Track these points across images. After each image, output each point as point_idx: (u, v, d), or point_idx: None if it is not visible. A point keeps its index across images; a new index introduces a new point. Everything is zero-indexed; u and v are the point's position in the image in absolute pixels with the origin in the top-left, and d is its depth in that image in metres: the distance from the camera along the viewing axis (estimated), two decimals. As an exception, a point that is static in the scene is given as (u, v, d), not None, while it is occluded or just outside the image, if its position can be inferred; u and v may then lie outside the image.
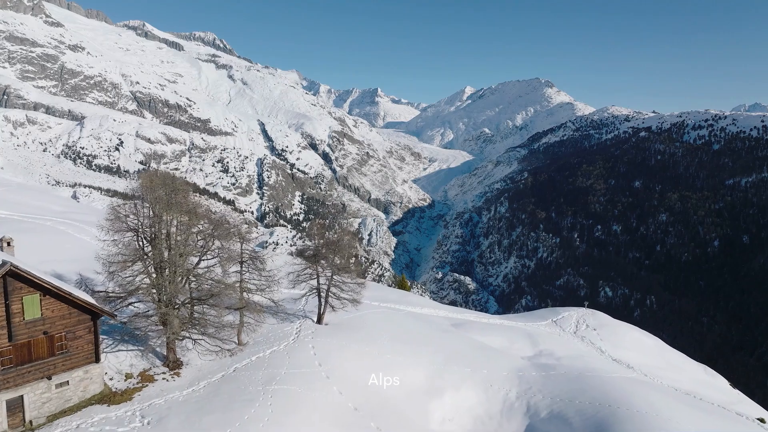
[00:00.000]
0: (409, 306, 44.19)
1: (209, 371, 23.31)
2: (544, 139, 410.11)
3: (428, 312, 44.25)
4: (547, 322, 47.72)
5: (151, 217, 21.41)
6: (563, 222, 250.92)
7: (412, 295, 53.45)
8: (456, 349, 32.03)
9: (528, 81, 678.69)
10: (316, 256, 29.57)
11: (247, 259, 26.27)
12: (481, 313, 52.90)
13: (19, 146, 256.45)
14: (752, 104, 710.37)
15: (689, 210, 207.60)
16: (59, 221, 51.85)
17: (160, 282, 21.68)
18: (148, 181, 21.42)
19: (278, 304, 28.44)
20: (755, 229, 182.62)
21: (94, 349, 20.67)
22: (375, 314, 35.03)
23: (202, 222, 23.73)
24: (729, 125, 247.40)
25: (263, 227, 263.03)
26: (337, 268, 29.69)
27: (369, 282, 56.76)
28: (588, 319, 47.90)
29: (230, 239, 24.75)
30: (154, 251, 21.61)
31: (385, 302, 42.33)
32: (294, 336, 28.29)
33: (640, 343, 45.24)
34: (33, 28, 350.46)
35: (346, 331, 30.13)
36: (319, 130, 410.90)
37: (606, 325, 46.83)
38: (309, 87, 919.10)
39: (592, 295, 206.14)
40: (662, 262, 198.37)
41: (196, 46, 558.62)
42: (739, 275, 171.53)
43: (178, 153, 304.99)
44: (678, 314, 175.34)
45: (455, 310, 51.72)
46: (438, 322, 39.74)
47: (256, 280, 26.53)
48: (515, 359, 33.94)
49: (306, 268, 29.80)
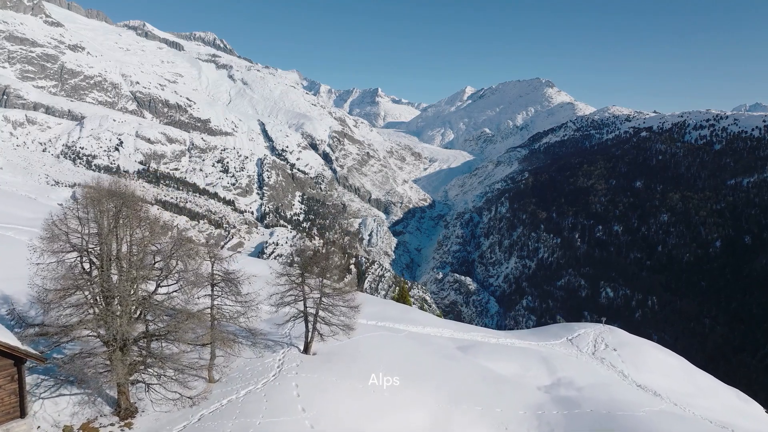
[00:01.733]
0: (410, 325, 39.66)
1: (169, 420, 19.44)
2: (544, 139, 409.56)
3: (431, 332, 40.12)
4: (561, 341, 43.85)
5: (98, 235, 17.62)
6: (564, 222, 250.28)
7: (413, 311, 48.46)
8: (464, 382, 28.52)
9: (528, 81, 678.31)
10: (302, 276, 25.25)
11: (219, 282, 21.80)
12: (488, 330, 48.21)
13: (19, 146, 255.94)
14: (753, 104, 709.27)
15: (691, 210, 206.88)
16: (25, 230, 43.32)
17: (108, 314, 17.80)
18: (93, 192, 17.88)
19: (256, 334, 24.06)
20: (757, 230, 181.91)
21: (18, 402, 16.39)
22: (371, 339, 30.74)
23: (161, 240, 19.74)
24: (730, 125, 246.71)
25: (263, 227, 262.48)
26: (326, 288, 25.54)
27: (366, 296, 52.35)
28: (606, 338, 44.06)
29: (195, 260, 20.52)
30: (101, 276, 17.73)
31: (383, 320, 38.31)
32: (275, 371, 23.97)
33: (665, 365, 41.72)
34: (33, 28, 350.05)
35: (336, 362, 25.88)
36: (319, 130, 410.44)
37: (626, 344, 43.16)
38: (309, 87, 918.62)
39: (593, 295, 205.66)
40: (663, 263, 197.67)
41: (196, 46, 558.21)
42: (740, 276, 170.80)
43: (178, 153, 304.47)
44: (679, 315, 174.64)
45: (460, 327, 46.29)
46: (442, 345, 35.58)
47: (230, 307, 22.20)
48: (531, 391, 30.61)
49: (290, 290, 25.37)
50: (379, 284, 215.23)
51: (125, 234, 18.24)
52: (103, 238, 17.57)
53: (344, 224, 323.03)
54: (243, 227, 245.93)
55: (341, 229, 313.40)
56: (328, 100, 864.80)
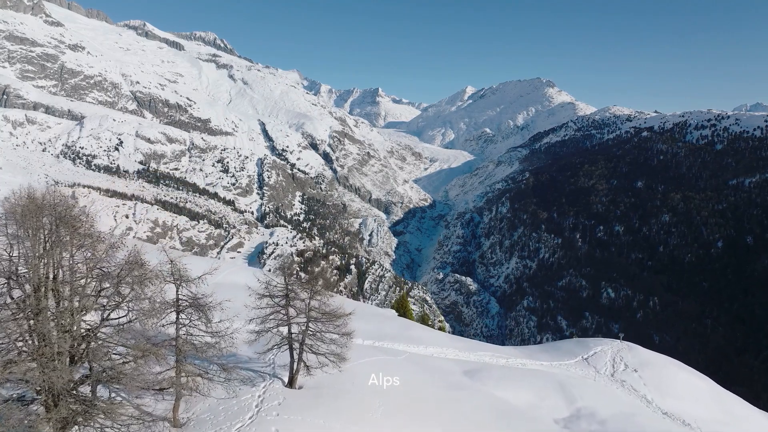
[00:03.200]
0: (410, 344, 35.42)
1: None
2: (545, 139, 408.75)
3: (434, 352, 35.90)
4: (576, 359, 40.12)
5: (30, 256, 14.56)
6: (565, 222, 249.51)
7: (413, 327, 43.51)
8: (472, 418, 25.32)
9: (529, 81, 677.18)
10: (286, 297, 21.96)
11: (185, 308, 18.00)
12: (495, 347, 43.65)
13: (18, 146, 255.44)
14: (753, 104, 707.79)
15: (692, 210, 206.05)
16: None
17: (43, 352, 14.34)
18: (22, 205, 14.70)
19: (230, 369, 20.05)
20: (759, 230, 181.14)
21: None
22: (366, 367, 26.71)
23: (110, 262, 16.11)
24: (732, 125, 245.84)
25: (263, 227, 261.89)
26: (314, 312, 22.02)
27: (362, 307, 47.96)
28: (626, 356, 40.40)
29: (150, 286, 16.65)
30: (32, 306, 14.53)
31: (380, 339, 34.15)
32: (253, 411, 20.16)
33: (692, 388, 38.37)
34: (33, 28, 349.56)
35: (326, 398, 22.20)
36: (319, 130, 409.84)
37: (648, 364, 39.55)
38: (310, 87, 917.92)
39: (594, 296, 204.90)
40: (665, 263, 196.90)
41: (196, 45, 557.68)
42: (743, 276, 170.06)
43: (178, 153, 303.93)
44: (681, 316, 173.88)
45: (465, 345, 41.53)
46: (447, 371, 31.58)
47: (200, 337, 18.27)
48: (548, 426, 27.60)
49: (272, 314, 22.03)
50: (380, 284, 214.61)
51: (63, 255, 15.09)
52: (35, 260, 14.53)
53: (344, 224, 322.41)
54: (243, 227, 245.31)
55: (341, 229, 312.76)
56: (329, 100, 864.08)
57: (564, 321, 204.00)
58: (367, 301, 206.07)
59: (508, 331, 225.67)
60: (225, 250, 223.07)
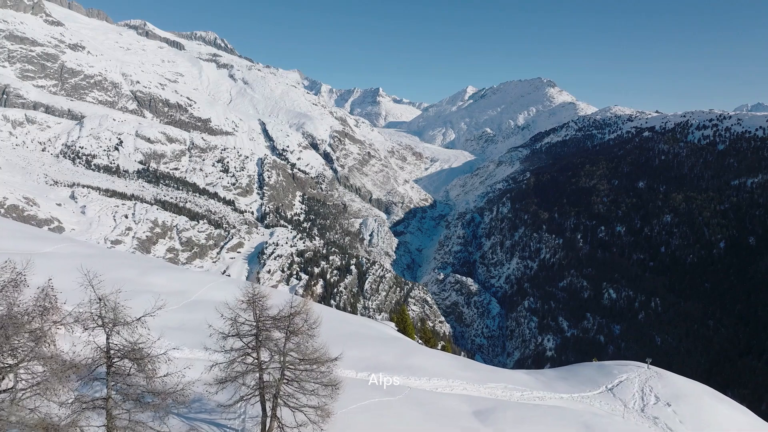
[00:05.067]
0: (411, 376, 30.28)
1: None
2: (546, 139, 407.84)
3: (438, 386, 30.68)
4: (600, 391, 35.32)
5: None
6: (566, 223, 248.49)
7: (414, 351, 37.21)
8: None
9: (530, 80, 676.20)
10: (257, 339, 17.13)
11: (119, 360, 13.48)
12: (507, 374, 37.60)
13: (18, 146, 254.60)
14: (755, 104, 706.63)
15: (694, 211, 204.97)
16: None
17: None
18: None
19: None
20: (762, 231, 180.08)
21: None
22: (357, 416, 21.97)
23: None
24: (734, 125, 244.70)
25: (263, 227, 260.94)
26: (292, 356, 17.33)
27: (358, 323, 42.97)
28: (655, 386, 35.31)
29: (54, 341, 12.54)
30: None
31: (376, 369, 29.38)
32: None
33: (734, 423, 33.92)
34: (33, 27, 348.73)
35: None
36: (320, 129, 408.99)
37: (682, 397, 34.54)
38: (310, 87, 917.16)
39: (595, 296, 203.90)
40: (667, 264, 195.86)
41: (197, 45, 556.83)
42: (745, 277, 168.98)
43: (178, 153, 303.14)
44: (683, 317, 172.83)
45: (474, 373, 35.45)
46: (455, 411, 27.57)
47: (137, 399, 13.51)
48: None
49: (238, 359, 17.12)
50: (380, 285, 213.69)
51: None
52: None
53: (345, 224, 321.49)
54: (243, 227, 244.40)
55: (342, 230, 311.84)
56: (329, 100, 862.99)
57: (565, 322, 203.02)
58: (368, 302, 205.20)
59: (509, 332, 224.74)
60: (225, 250, 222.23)
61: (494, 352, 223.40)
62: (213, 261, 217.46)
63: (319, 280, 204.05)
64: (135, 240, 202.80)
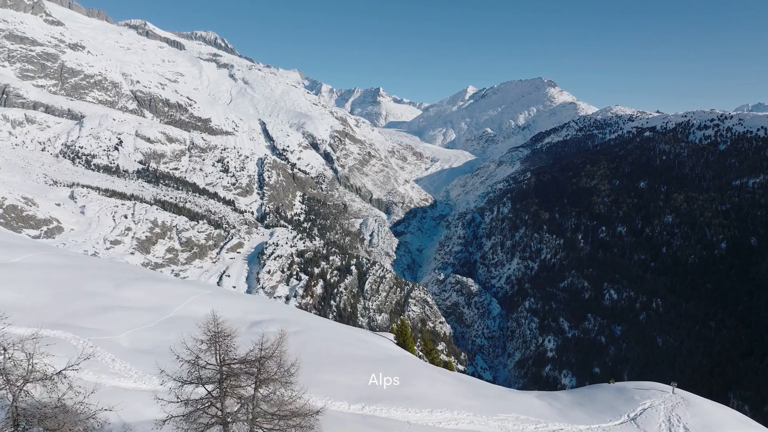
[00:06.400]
0: (411, 409, 26.32)
1: None
2: (546, 139, 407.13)
3: (442, 419, 26.69)
4: (622, 420, 30.98)
5: None
6: (567, 223, 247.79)
7: (415, 375, 32.32)
8: None
9: (530, 80, 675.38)
10: (220, 386, 13.86)
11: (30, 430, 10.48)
12: (520, 400, 32.91)
13: (18, 145, 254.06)
14: (755, 104, 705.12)
15: (695, 211, 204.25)
16: None
17: None
18: None
19: None
20: (763, 231, 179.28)
21: None
22: None
23: None
24: (735, 125, 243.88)
25: (263, 227, 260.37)
26: (262, 406, 14.14)
27: (353, 337, 39.30)
28: (683, 416, 30.60)
29: None
30: None
31: (371, 402, 25.72)
32: None
33: None
34: (33, 27, 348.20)
35: None
36: (320, 129, 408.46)
37: (715, 428, 29.83)
38: (311, 86, 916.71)
39: (596, 297, 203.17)
40: (668, 264, 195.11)
41: (197, 45, 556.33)
42: (747, 278, 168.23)
43: (178, 152, 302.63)
44: (685, 317, 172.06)
45: (482, 402, 30.89)
46: None
47: None
48: None
49: (202, 408, 13.66)
50: (380, 285, 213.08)
51: None
52: None
53: (345, 224, 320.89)
54: (243, 227, 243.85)
55: (342, 230, 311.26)
56: (330, 100, 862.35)
57: (566, 322, 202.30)
58: (368, 302, 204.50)
59: (510, 333, 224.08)
60: (225, 250, 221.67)
61: (495, 352, 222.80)
62: (213, 261, 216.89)
63: (319, 281, 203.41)
64: (134, 240, 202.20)
